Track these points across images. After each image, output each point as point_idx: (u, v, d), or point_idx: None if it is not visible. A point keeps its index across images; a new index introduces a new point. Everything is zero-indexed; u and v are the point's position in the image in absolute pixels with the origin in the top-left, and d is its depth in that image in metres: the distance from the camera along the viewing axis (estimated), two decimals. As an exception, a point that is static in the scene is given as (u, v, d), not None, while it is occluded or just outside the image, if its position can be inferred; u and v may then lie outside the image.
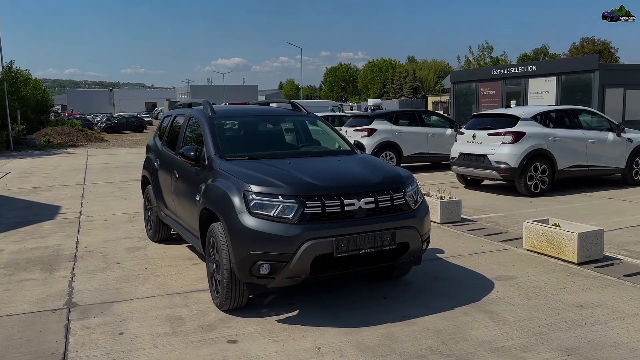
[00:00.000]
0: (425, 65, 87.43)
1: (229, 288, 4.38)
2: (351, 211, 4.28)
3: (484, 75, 20.64)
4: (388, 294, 4.98)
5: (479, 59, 56.24)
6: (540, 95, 18.23)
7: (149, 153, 7.24)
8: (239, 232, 4.20)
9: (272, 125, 6.02)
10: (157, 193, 6.65)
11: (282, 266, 4.12)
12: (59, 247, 6.95)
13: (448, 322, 4.30)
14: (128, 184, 13.01)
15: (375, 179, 4.57)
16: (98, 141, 31.63)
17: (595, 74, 16.33)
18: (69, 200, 10.69)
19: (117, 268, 5.97)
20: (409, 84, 80.00)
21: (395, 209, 4.50)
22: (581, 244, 5.72)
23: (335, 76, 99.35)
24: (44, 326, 4.37)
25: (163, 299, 4.95)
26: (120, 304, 4.85)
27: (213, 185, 4.71)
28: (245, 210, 4.22)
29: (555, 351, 3.78)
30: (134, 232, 7.71)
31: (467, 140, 10.82)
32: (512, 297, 4.84)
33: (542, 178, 10.13)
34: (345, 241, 4.17)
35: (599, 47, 64.44)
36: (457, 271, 5.65)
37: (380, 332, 4.14)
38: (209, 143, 5.22)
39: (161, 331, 4.23)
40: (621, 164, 11.02)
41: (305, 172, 4.55)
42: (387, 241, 4.35)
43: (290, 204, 4.17)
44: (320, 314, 4.53)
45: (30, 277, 5.71)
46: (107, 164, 18.25)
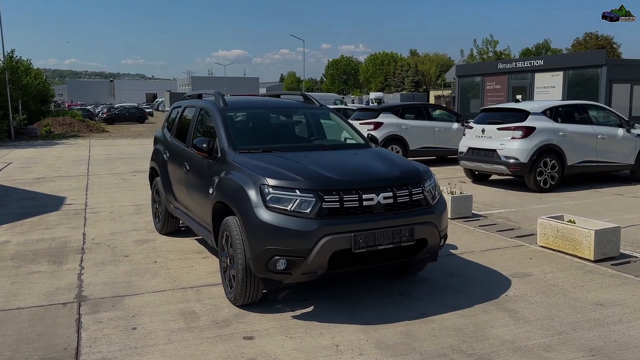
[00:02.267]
0: (427, 59, 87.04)
1: (244, 283, 4.29)
2: (369, 206, 4.19)
3: (490, 70, 20.50)
4: (403, 291, 4.90)
5: (482, 53, 55.92)
6: (547, 90, 18.11)
7: (158, 144, 7.14)
8: (255, 227, 4.11)
9: (285, 118, 5.92)
10: (166, 185, 6.55)
11: (300, 262, 4.03)
12: (65, 239, 6.86)
13: (467, 320, 4.22)
14: (132, 175, 12.90)
15: (393, 174, 4.48)
16: (99, 132, 31.48)
17: (602, 69, 16.21)
18: (73, 191, 10.59)
19: (126, 261, 5.88)
20: (411, 77, 79.68)
21: (414, 204, 4.40)
22: (598, 241, 5.63)
23: (336, 69, 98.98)
24: (54, 320, 4.29)
25: (175, 293, 4.86)
26: (132, 297, 4.77)
27: (227, 178, 4.61)
28: (262, 204, 4.12)
29: (580, 351, 3.70)
30: (141, 225, 7.61)
31: (476, 134, 10.71)
32: (531, 295, 4.76)
33: (552, 174, 10.03)
34: (363, 237, 4.08)
35: (602, 42, 64.10)
36: (471, 267, 5.56)
37: (399, 330, 4.05)
38: (221, 135, 5.12)
39: (175, 326, 4.14)
40: (630, 160, 10.92)
41: (322, 166, 4.45)
42: (406, 237, 4.26)
43: (307, 198, 4.07)
44: (336, 310, 4.44)
45: (38, 269, 5.62)
46: (109, 155, 18.13)
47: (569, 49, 68.31)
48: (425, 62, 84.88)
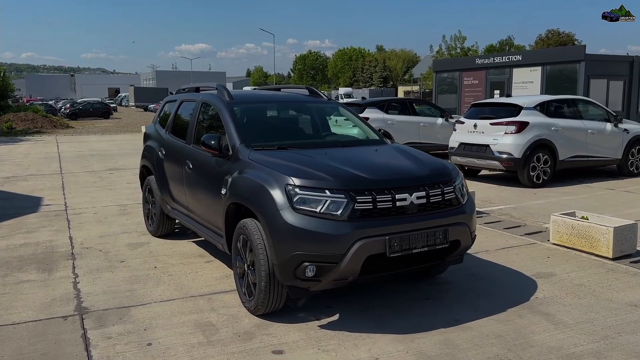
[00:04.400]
0: (393, 55, 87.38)
1: (267, 291, 3.96)
2: (403, 207, 3.91)
3: (468, 65, 20.49)
4: (430, 295, 4.65)
5: (450, 49, 56.36)
6: (525, 85, 18.19)
7: (149, 141, 6.69)
8: (281, 231, 3.78)
9: (295, 112, 5.59)
10: (162, 185, 6.13)
11: (331, 268, 3.73)
12: (51, 243, 6.37)
13: (505, 326, 3.99)
14: (109, 173, 12.32)
15: (424, 172, 4.21)
16: (64, 128, 30.31)
17: (581, 65, 16.35)
18: (49, 190, 9.98)
19: (123, 267, 5.46)
20: (379, 73, 79.97)
21: (446, 204, 4.15)
22: (616, 238, 5.51)
23: (304, 64, 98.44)
24: (57, 336, 3.87)
25: (185, 303, 4.49)
26: (139, 308, 4.37)
27: (244, 178, 4.26)
28: (288, 206, 3.79)
29: (631, 357, 3.52)
30: (131, 226, 7.16)
31: (467, 129, 10.57)
32: (561, 297, 4.58)
33: (544, 169, 9.98)
34: (398, 240, 3.81)
35: (564, 38, 65.27)
36: (491, 268, 5.36)
37: (437, 339, 3.80)
38: (231, 131, 4.75)
39: (194, 340, 3.78)
40: (618, 155, 10.98)
41: (349, 164, 4.15)
42: (440, 239, 4.00)
43: (338, 199, 3.77)
44: (363, 318, 4.16)
45: (27, 278, 5.15)
46: (80, 151, 17.37)
47: (532, 45, 69.49)
48: (392, 58, 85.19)
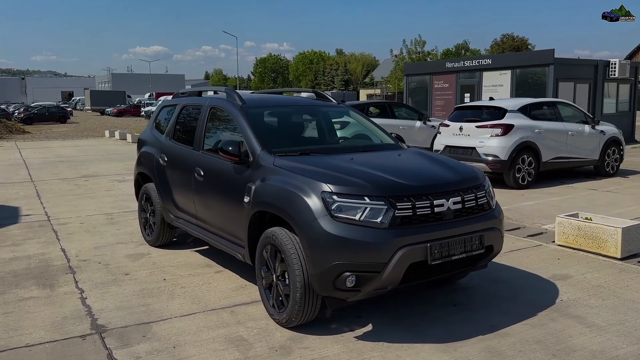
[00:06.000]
0: (353, 59, 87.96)
1: (302, 302, 3.81)
2: (440, 213, 3.84)
3: (438, 68, 20.75)
4: (456, 301, 4.60)
5: (411, 53, 57.14)
6: (495, 88, 18.51)
7: (146, 147, 6.42)
8: (320, 240, 3.65)
9: (309, 116, 5.45)
10: (163, 192, 5.88)
11: (373, 277, 3.62)
12: (43, 256, 6.01)
13: (542, 331, 3.97)
14: (84, 180, 11.83)
15: (457, 177, 4.15)
16: (20, 133, 29.05)
17: (550, 68, 16.76)
18: (25, 200, 9.49)
19: (129, 280, 5.19)
20: (341, 76, 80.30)
21: (479, 208, 4.11)
22: (624, 238, 5.61)
23: (265, 67, 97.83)
24: (81, 358, 3.62)
25: (208, 316, 4.29)
26: (160, 324, 4.15)
27: (272, 185, 4.10)
28: (326, 213, 3.66)
29: (674, 359, 3.55)
30: (124, 236, 6.85)
31: (453, 132, 10.66)
32: (584, 299, 4.60)
33: (529, 170, 10.15)
34: (438, 247, 3.74)
35: (518, 43, 67.12)
36: (507, 271, 5.36)
37: (480, 347, 3.74)
38: (250, 137, 4.58)
39: (230, 357, 3.60)
40: (595, 156, 11.28)
41: (381, 170, 4.05)
42: (476, 245, 3.96)
43: (378, 205, 3.66)
44: (397, 327, 4.07)
45: (29, 294, 4.83)
46: (46, 158, 16.66)
47: (487, 49, 71.21)
48: (352, 62, 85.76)
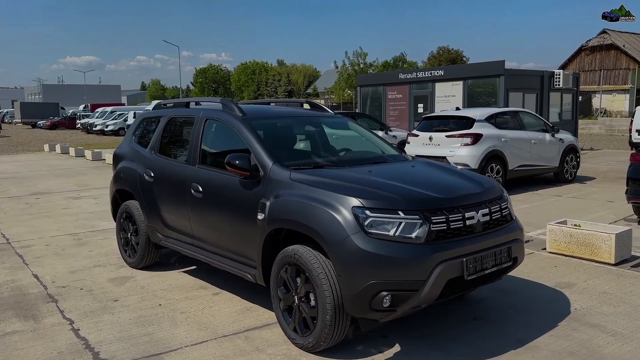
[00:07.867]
0: (294, 69, 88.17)
1: (332, 325, 3.59)
2: (471, 226, 3.74)
3: (391, 79, 20.99)
4: (475, 314, 4.50)
5: (354, 64, 57.88)
6: (447, 99, 18.92)
7: (125, 162, 5.99)
8: (355, 258, 3.45)
9: (312, 128, 5.24)
10: (150, 210, 5.49)
11: (411, 295, 3.45)
12: (14, 283, 5.47)
13: (570, 342, 3.93)
14: (35, 198, 11.05)
15: (480, 189, 4.06)
16: (-52, 148, 27.12)
17: (500, 79, 17.29)
18: (-26, 221, 8.72)
19: (120, 307, 4.78)
20: (284, 87, 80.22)
21: (503, 220, 4.04)
22: (618, 244, 5.73)
23: (205, 77, 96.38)
24: (94, 400, 3.24)
25: (222, 344, 3.98)
26: (172, 355, 3.80)
27: (291, 201, 3.87)
28: (359, 230, 3.47)
29: None
30: (99, 258, 6.37)
31: (422, 142, 10.72)
32: (596, 306, 4.62)
33: (497, 178, 10.32)
34: (472, 261, 3.63)
35: (453, 55, 69.33)
36: (512, 281, 5.31)
37: (516, 362, 3.64)
38: (258, 150, 4.33)
39: (262, 389, 3.33)
40: (555, 163, 11.65)
41: (409, 182, 3.91)
42: (505, 257, 3.88)
43: (413, 220, 3.51)
44: (425, 347, 3.91)
45: (11, 328, 4.34)
46: (-16, 175, 15.50)
47: (425, 61, 73.15)
48: (294, 72, 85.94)
